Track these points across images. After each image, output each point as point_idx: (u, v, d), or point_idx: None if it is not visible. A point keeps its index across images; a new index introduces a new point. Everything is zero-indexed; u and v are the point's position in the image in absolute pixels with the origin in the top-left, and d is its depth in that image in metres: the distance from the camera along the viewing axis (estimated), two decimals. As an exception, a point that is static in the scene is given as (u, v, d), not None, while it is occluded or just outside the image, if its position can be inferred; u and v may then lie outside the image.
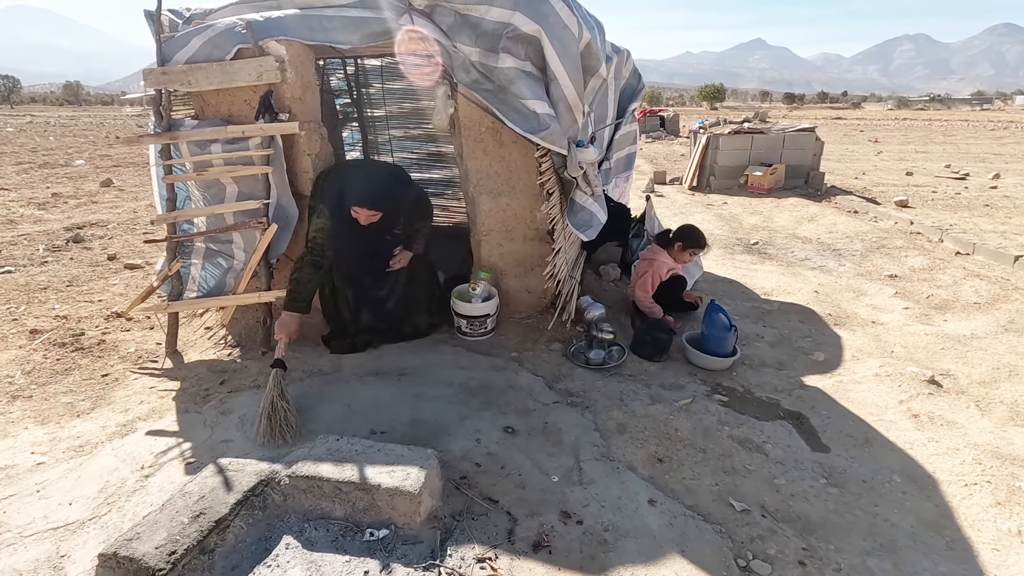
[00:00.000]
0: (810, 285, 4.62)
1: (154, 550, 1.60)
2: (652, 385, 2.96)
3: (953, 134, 23.64)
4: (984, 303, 4.17)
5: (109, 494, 2.06)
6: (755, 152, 9.13)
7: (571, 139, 3.27)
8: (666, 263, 3.62)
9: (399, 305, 3.41)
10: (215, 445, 2.34)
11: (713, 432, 2.55)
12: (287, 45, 3.10)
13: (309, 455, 2.03)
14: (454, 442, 2.38)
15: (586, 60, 3.29)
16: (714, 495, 2.17)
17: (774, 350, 3.47)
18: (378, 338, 3.37)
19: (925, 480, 2.30)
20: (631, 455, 2.35)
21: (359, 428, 2.47)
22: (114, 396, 2.80)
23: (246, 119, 3.24)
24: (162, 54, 3.21)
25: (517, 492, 2.11)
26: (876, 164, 13.22)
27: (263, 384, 2.85)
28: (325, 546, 1.83)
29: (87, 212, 7.09)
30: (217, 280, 3.39)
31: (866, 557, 1.91)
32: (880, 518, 2.09)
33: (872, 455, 2.45)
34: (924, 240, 6.02)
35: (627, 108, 4.74)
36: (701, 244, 3.66)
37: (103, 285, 4.41)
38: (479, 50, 3.14)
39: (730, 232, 6.50)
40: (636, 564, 1.79)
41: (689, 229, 3.72)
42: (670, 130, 20.98)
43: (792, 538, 1.98)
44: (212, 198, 3.35)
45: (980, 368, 3.20)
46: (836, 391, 2.98)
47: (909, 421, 2.70)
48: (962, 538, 2.00)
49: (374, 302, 3.35)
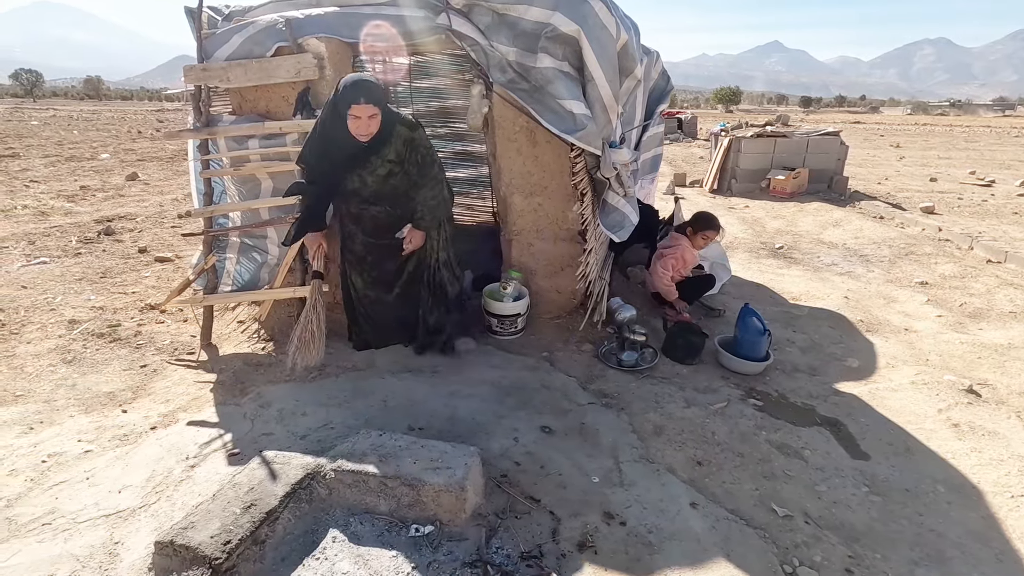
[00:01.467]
0: (839, 291, 4.58)
1: (209, 539, 1.62)
2: (686, 388, 2.95)
3: (976, 140, 23.26)
4: (1020, 312, 4.10)
5: (157, 483, 2.09)
6: (778, 156, 9.05)
7: (605, 140, 3.27)
8: (688, 247, 3.66)
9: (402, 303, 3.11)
10: (257, 438, 2.36)
11: (750, 436, 2.53)
12: (326, 43, 3.12)
13: (353, 449, 2.05)
14: (492, 440, 2.39)
15: (622, 61, 3.28)
16: (755, 500, 2.16)
17: (806, 356, 3.44)
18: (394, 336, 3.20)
19: (970, 490, 2.26)
20: (670, 457, 2.35)
21: (397, 424, 2.48)
22: (154, 387, 2.85)
23: (283, 115, 3.27)
24: (203, 51, 3.25)
25: (558, 492, 2.11)
26: (899, 170, 13.04)
27: (299, 378, 2.89)
28: (371, 540, 1.84)
29: (115, 205, 7.20)
30: (252, 274, 3.43)
31: (914, 567, 1.89)
32: (926, 528, 2.06)
33: (914, 464, 2.42)
34: (954, 247, 5.93)
35: (655, 110, 4.73)
36: (715, 227, 3.73)
37: (136, 277, 4.47)
38: (516, 50, 3.15)
39: (754, 236, 6.45)
40: (683, 567, 1.79)
41: (701, 214, 3.83)
42: (688, 132, 20.87)
43: (837, 546, 1.96)
44: (248, 193, 3.39)
45: (1019, 379, 3.15)
46: (872, 398, 2.94)
47: (949, 430, 2.67)
48: (1011, 550, 1.97)
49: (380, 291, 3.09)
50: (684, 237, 3.70)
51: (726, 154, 9.22)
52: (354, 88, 2.51)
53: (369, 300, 3.11)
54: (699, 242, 3.72)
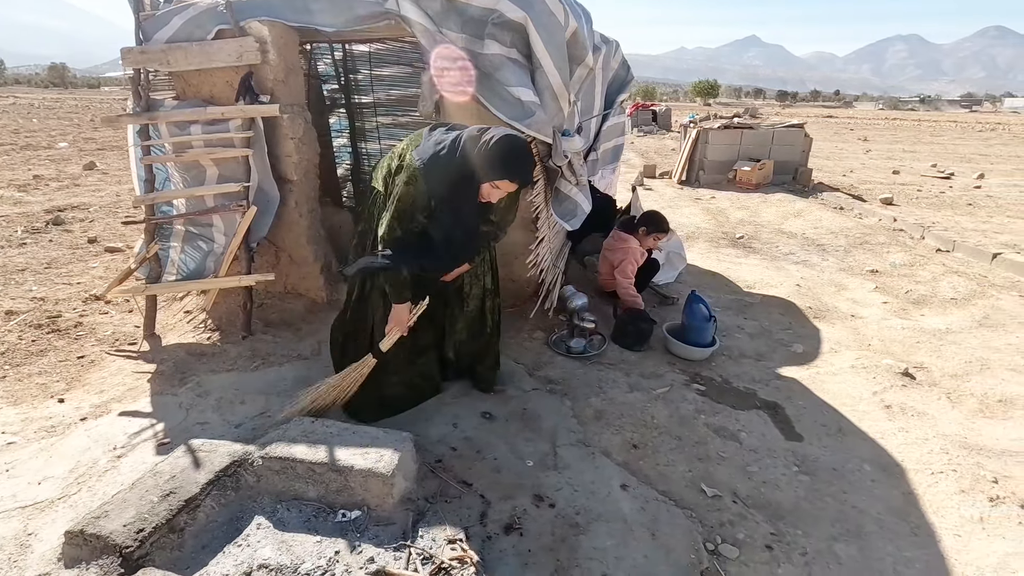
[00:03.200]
0: (792, 279, 4.67)
1: (122, 528, 1.59)
2: (632, 374, 2.98)
3: (941, 134, 23.88)
4: (961, 299, 4.23)
5: (80, 474, 2.04)
6: (744, 147, 9.17)
7: (556, 128, 3.27)
8: (638, 248, 3.65)
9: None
10: (190, 427, 2.32)
11: (689, 420, 2.58)
12: (269, 26, 3.06)
13: (283, 436, 2.03)
14: (432, 427, 2.39)
15: (572, 49, 3.28)
16: (687, 481, 2.19)
17: (754, 342, 3.50)
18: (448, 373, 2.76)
19: (894, 469, 2.34)
20: (607, 441, 2.37)
21: (336, 413, 2.46)
22: (89, 378, 2.78)
23: (227, 101, 3.20)
24: (142, 33, 3.16)
25: (492, 476, 2.12)
26: (864, 162, 13.33)
27: (241, 367, 2.85)
28: (297, 526, 1.83)
29: (69, 195, 6.98)
30: (197, 263, 3.36)
31: (832, 542, 1.94)
32: (849, 505, 2.13)
33: (844, 444, 2.49)
34: (907, 237, 6.09)
35: (615, 99, 4.74)
36: (664, 228, 3.72)
37: (82, 268, 4.35)
38: (465, 36, 3.13)
39: (716, 226, 6.54)
40: (606, 547, 1.81)
41: (653, 214, 3.78)
42: (662, 124, 21.00)
43: (761, 523, 2.01)
44: (192, 180, 3.31)
45: (953, 361, 3.26)
46: (812, 382, 3.02)
47: (882, 412, 2.75)
48: (926, 524, 2.05)
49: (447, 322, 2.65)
50: (632, 237, 3.69)
51: (694, 145, 9.31)
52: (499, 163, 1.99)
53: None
54: (649, 242, 3.72)
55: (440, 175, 2.04)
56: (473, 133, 2.04)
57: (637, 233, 3.72)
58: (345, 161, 5.67)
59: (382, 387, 2.48)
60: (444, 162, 2.03)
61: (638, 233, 3.71)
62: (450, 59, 3.15)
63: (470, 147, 2.01)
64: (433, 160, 2.03)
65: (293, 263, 3.64)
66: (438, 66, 3.14)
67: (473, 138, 2.02)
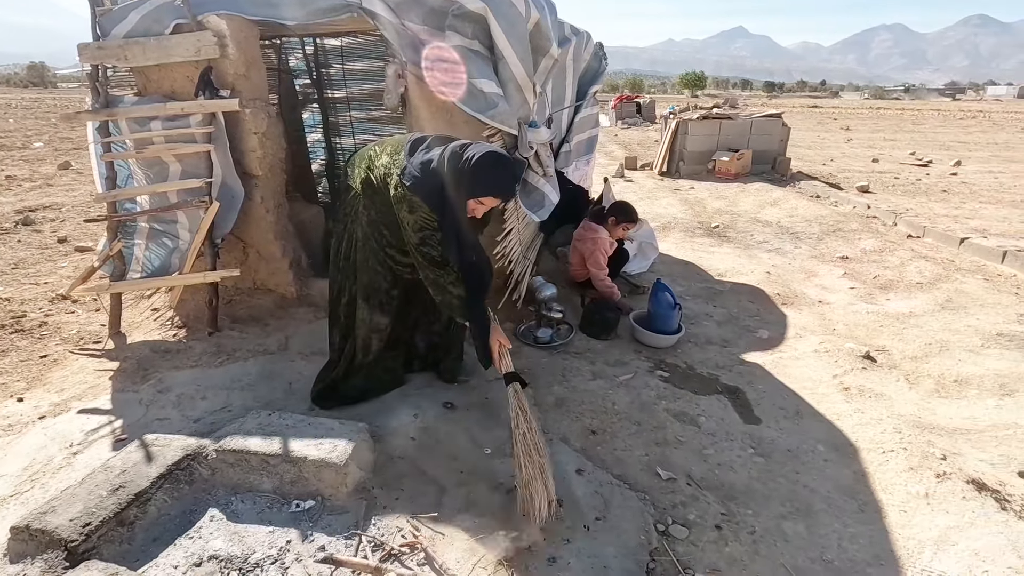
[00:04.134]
0: (764, 266, 4.72)
1: (68, 522, 1.60)
2: (596, 362, 3.01)
3: (923, 123, 24.11)
4: (926, 283, 4.30)
5: (34, 471, 2.04)
6: (723, 138, 9.21)
7: (522, 119, 3.27)
8: (607, 238, 3.68)
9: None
10: (149, 423, 2.32)
11: (650, 406, 2.61)
12: (228, 20, 3.03)
13: (239, 429, 2.04)
14: (393, 417, 2.40)
15: (535, 40, 3.28)
16: (643, 465, 2.23)
17: (721, 328, 3.54)
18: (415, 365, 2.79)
19: (847, 448, 2.39)
20: (565, 428, 2.40)
21: (299, 406, 2.47)
22: (51, 377, 2.76)
23: (189, 96, 3.17)
24: (99, 28, 3.12)
25: (449, 464, 2.14)
26: (845, 151, 13.44)
27: (205, 363, 2.84)
28: (251, 518, 1.84)
29: (41, 195, 6.89)
30: (162, 260, 3.35)
31: (781, 521, 1.99)
32: (800, 484, 2.17)
33: (801, 426, 2.54)
34: (879, 224, 6.16)
35: (587, 91, 4.74)
36: (633, 218, 3.76)
37: (51, 268, 4.31)
38: (427, 28, 3.12)
39: (693, 216, 6.58)
40: (556, 529, 1.84)
41: (621, 204, 3.83)
42: (646, 116, 21.02)
43: (713, 504, 2.05)
44: (155, 177, 3.29)
45: (914, 344, 3.32)
46: (775, 367, 3.06)
47: (840, 394, 2.80)
48: (874, 501, 2.10)
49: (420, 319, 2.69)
50: (601, 228, 3.72)
51: (674, 137, 9.34)
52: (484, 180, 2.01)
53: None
54: (618, 232, 3.76)
55: (434, 197, 2.03)
56: (455, 150, 2.02)
57: (606, 223, 3.75)
58: (320, 157, 5.66)
59: (348, 377, 2.50)
60: (432, 183, 2.02)
61: (607, 223, 3.74)
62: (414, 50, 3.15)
63: (452, 165, 2.00)
64: (421, 183, 2.02)
65: (261, 259, 3.62)
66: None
67: (455, 155, 2.01)
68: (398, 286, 2.45)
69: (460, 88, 3.13)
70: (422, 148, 2.12)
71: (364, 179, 2.26)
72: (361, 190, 2.28)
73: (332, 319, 2.57)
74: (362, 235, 2.35)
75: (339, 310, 2.51)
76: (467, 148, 2.03)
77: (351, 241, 2.40)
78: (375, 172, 2.22)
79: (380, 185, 2.18)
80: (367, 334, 2.47)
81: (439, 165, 2.02)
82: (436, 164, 2.03)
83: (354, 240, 2.39)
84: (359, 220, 2.34)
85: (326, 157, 5.71)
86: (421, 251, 2.10)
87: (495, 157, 2.01)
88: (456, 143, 2.07)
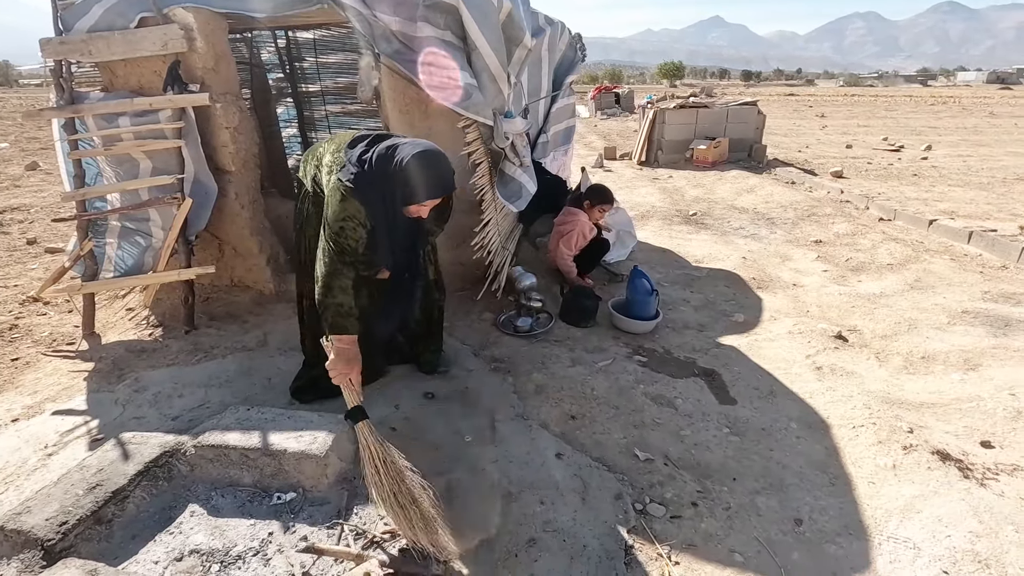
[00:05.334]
0: (740, 252, 4.80)
1: (44, 522, 1.59)
2: (576, 349, 3.05)
3: (895, 109, 24.55)
4: (896, 264, 4.41)
5: (8, 474, 2.01)
6: (700, 126, 9.30)
7: (496, 110, 3.28)
8: (587, 222, 3.73)
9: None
10: (126, 422, 2.30)
11: (628, 390, 2.65)
12: (195, 12, 2.98)
13: (218, 424, 2.04)
14: (373, 408, 2.37)
15: (508, 30, 3.28)
16: (621, 447, 2.27)
17: (698, 313, 3.60)
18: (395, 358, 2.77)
19: (819, 425, 2.46)
20: (545, 414, 2.44)
21: (278, 401, 2.47)
22: (23, 379, 2.72)
23: (157, 91, 3.13)
24: (61, 23, 3.05)
25: (430, 453, 2.16)
26: (820, 138, 13.65)
27: (183, 361, 2.82)
28: (231, 512, 1.84)
29: (8, 196, 6.71)
30: (135, 259, 3.30)
31: (755, 496, 2.05)
32: (773, 461, 2.23)
33: (774, 405, 2.60)
34: (852, 208, 6.29)
35: (563, 81, 4.75)
36: (609, 199, 3.83)
37: (20, 270, 4.21)
38: (398, 19, 3.10)
39: (671, 204, 6.65)
40: (535, 512, 1.87)
41: (596, 187, 3.88)
42: (625, 107, 21.10)
43: (689, 482, 2.10)
44: (125, 174, 3.23)
45: (883, 323, 3.41)
46: (750, 349, 3.13)
47: (812, 373, 2.87)
48: (844, 474, 2.16)
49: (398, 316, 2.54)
50: (580, 211, 3.77)
51: (652, 126, 9.40)
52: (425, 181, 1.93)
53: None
54: (596, 215, 3.81)
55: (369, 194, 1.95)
56: (382, 152, 1.93)
57: (582, 207, 3.80)
58: (295, 152, 5.59)
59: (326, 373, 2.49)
60: (368, 181, 1.94)
61: (584, 207, 3.80)
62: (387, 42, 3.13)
63: (382, 169, 1.92)
64: (357, 180, 1.94)
65: (238, 255, 3.59)
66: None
67: (383, 158, 1.93)
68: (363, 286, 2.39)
69: (434, 80, 3.13)
70: (362, 144, 2.03)
71: (313, 177, 2.23)
72: (311, 189, 2.25)
73: (300, 320, 2.55)
74: (314, 234, 2.25)
75: (304, 313, 2.49)
76: (395, 150, 1.94)
77: (304, 241, 2.35)
78: (323, 170, 2.15)
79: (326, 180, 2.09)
80: None
81: (374, 163, 1.94)
82: (369, 161, 1.95)
83: (306, 240, 2.33)
84: (311, 220, 2.28)
85: (302, 152, 5.64)
86: (335, 239, 1.94)
87: (423, 158, 1.91)
88: (383, 145, 1.98)
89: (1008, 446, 2.31)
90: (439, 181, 1.95)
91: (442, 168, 1.96)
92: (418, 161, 1.89)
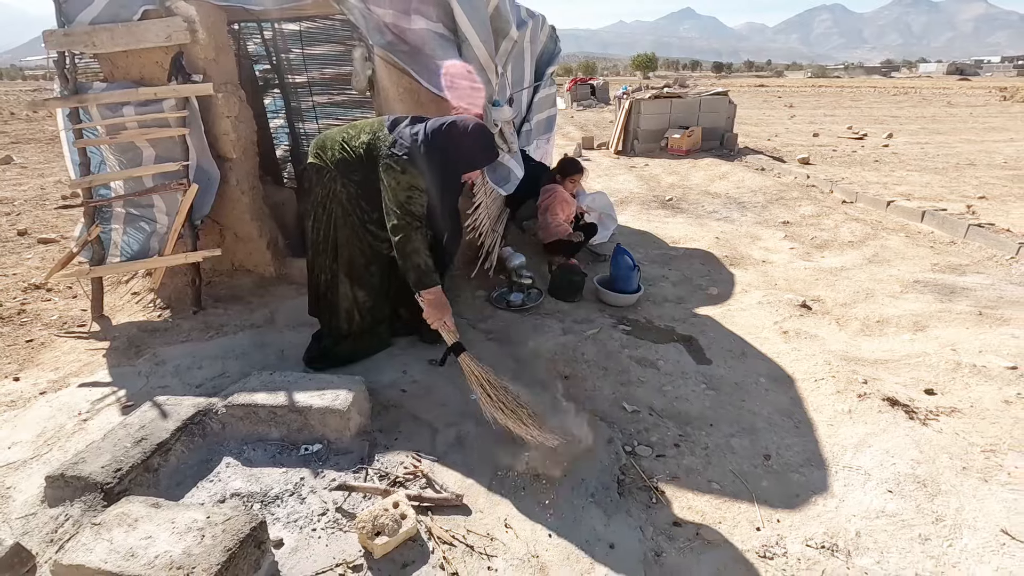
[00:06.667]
0: (713, 233, 5.10)
1: (100, 469, 1.76)
2: (565, 320, 3.29)
3: (860, 99, 25.37)
4: (856, 241, 4.76)
5: (48, 437, 2.16)
6: (674, 116, 9.61)
7: (487, 98, 3.47)
8: (563, 191, 4.05)
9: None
10: (152, 391, 2.46)
11: (615, 354, 2.91)
12: (196, 5, 3.11)
13: (244, 387, 2.21)
14: (383, 374, 2.62)
15: (496, 22, 3.48)
16: (611, 401, 2.52)
17: (676, 288, 3.88)
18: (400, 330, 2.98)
19: (785, 379, 2.74)
20: (542, 375, 2.67)
21: (293, 370, 2.64)
22: (42, 358, 2.84)
23: (158, 81, 3.24)
24: (63, 14, 3.14)
25: (439, 409, 2.37)
26: (788, 127, 14.14)
27: (196, 338, 2.97)
28: (264, 462, 2.03)
29: (-12, 190, 6.66)
30: (141, 244, 3.42)
31: (729, 438, 2.32)
32: (745, 410, 2.51)
33: (746, 364, 2.89)
34: (818, 192, 6.66)
35: (545, 71, 4.96)
36: (578, 168, 4.17)
37: (16, 260, 4.27)
38: (392, 12, 3.27)
39: (648, 190, 6.94)
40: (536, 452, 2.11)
41: (564, 160, 4.24)
42: (601, 98, 21.39)
43: (672, 429, 2.36)
44: (129, 162, 3.35)
45: (844, 293, 3.73)
46: (724, 317, 3.41)
47: (780, 337, 3.17)
48: (806, 419, 2.45)
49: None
50: (556, 186, 4.02)
51: (628, 116, 9.68)
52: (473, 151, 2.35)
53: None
54: (569, 185, 4.08)
55: (426, 165, 2.21)
56: (435, 127, 2.22)
57: (557, 181, 4.09)
58: (284, 143, 5.69)
59: (337, 344, 2.70)
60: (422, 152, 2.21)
61: (557, 180, 4.08)
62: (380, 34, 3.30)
63: (441, 140, 2.22)
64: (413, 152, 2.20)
65: (239, 240, 3.73)
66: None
67: (439, 132, 2.22)
68: (376, 262, 2.65)
69: (426, 69, 3.31)
70: (405, 124, 2.32)
71: (339, 159, 2.42)
72: (336, 169, 2.44)
73: (312, 298, 2.74)
74: (342, 212, 2.51)
75: (320, 288, 2.68)
76: (451, 125, 2.25)
77: (331, 220, 2.55)
78: (354, 151, 2.38)
79: (361, 159, 2.34)
80: (350, 307, 2.66)
81: (430, 137, 2.23)
82: (425, 136, 2.23)
83: (333, 219, 2.54)
84: (338, 198, 2.49)
85: (290, 143, 5.74)
86: (404, 207, 2.19)
87: (482, 128, 2.29)
88: (433, 121, 2.27)
89: (948, 392, 2.62)
90: (493, 149, 2.37)
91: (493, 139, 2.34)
92: (480, 129, 2.25)
